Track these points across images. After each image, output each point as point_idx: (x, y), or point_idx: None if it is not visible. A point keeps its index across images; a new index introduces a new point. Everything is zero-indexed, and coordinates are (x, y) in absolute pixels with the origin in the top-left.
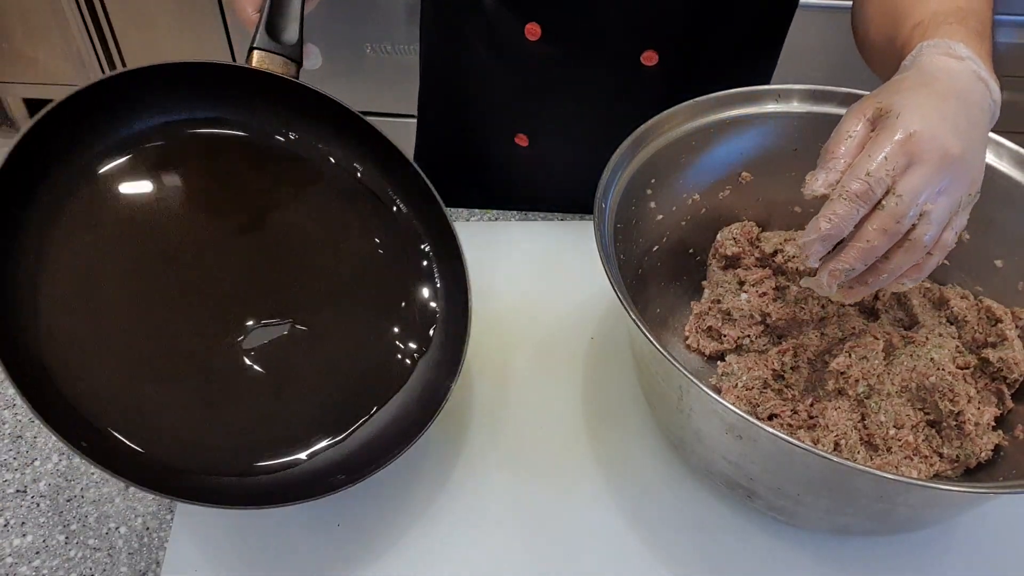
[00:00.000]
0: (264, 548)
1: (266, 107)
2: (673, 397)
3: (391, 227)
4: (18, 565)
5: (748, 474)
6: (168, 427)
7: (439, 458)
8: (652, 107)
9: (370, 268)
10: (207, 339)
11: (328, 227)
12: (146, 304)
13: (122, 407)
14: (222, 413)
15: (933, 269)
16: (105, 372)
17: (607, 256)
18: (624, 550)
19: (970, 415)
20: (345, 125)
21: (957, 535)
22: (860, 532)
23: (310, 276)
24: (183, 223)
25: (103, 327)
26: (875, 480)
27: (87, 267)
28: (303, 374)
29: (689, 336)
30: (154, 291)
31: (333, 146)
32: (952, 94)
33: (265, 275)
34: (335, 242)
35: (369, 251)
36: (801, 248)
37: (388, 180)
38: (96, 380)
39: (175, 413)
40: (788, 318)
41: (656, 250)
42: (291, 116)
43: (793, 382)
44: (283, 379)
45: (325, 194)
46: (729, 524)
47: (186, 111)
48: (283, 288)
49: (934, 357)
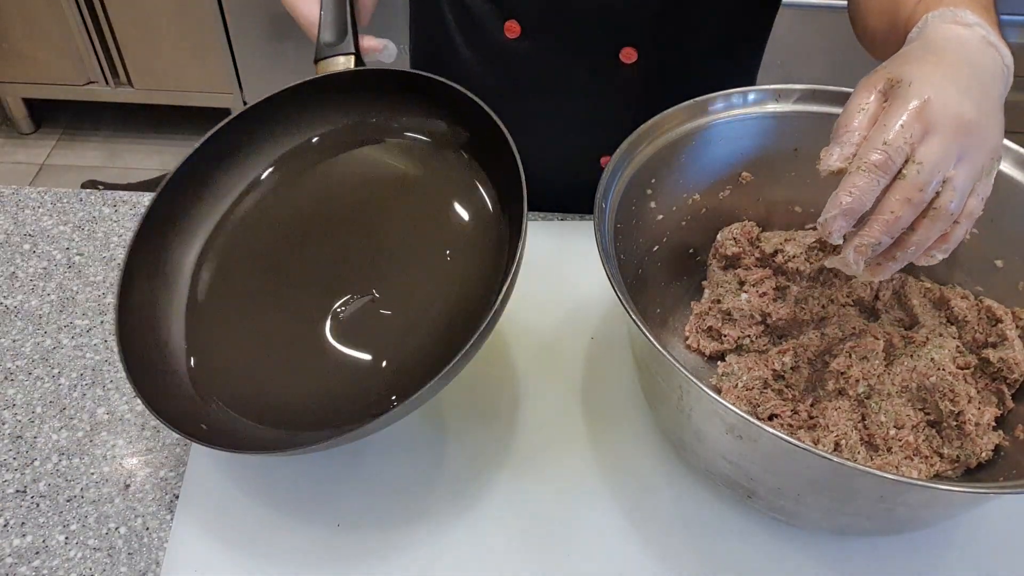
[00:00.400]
0: (264, 548)
1: (363, 103)
2: (673, 397)
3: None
4: (18, 565)
5: (748, 474)
6: (277, 394)
7: (439, 458)
8: (633, 105)
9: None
10: (313, 313)
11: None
12: (264, 288)
13: (236, 380)
14: (326, 378)
15: (961, 239)
16: (225, 348)
17: (607, 256)
18: (624, 550)
19: (970, 415)
20: (433, 95)
21: (957, 535)
22: (860, 532)
23: (396, 252)
24: (298, 216)
25: (228, 311)
26: (876, 480)
27: (224, 259)
28: (392, 335)
29: (689, 336)
30: (270, 276)
31: (419, 116)
32: (963, 60)
33: (361, 254)
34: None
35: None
36: (822, 226)
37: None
38: (216, 356)
39: (284, 381)
40: (788, 318)
41: (656, 250)
42: (391, 104)
43: (793, 382)
44: (378, 342)
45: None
46: (729, 524)
47: (308, 125)
48: (374, 264)
49: (934, 357)
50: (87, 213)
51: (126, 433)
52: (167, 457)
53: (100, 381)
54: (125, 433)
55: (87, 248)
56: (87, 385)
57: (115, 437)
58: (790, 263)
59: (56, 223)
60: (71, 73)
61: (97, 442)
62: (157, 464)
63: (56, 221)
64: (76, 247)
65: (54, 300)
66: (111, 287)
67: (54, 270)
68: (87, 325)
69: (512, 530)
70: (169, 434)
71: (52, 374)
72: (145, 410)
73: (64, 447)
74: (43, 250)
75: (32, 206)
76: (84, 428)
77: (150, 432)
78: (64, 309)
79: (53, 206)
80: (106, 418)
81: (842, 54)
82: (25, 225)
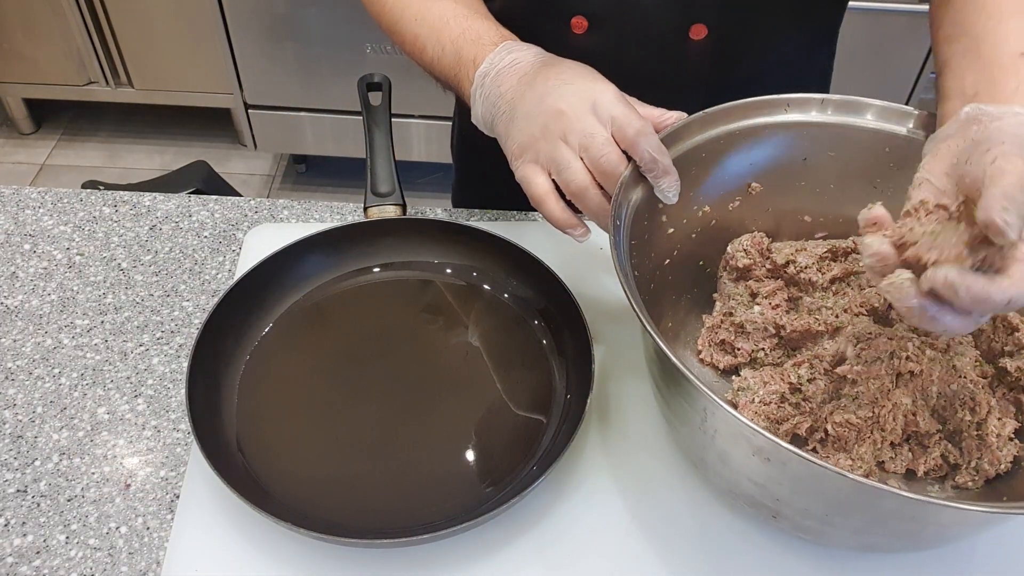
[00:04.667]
0: (264, 548)
1: (414, 246)
2: (696, 419)
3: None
4: (18, 565)
5: (775, 495)
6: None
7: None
8: (703, 85)
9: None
10: (375, 425)
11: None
12: (325, 402)
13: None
14: (384, 486)
15: None
16: (291, 459)
17: (626, 276)
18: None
19: (992, 426)
20: (492, 250)
21: (981, 545)
22: (887, 550)
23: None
24: (356, 339)
25: (289, 419)
26: (909, 502)
27: (281, 371)
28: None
29: (703, 350)
30: (331, 391)
31: (484, 268)
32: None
33: (416, 375)
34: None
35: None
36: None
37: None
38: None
39: (357, 487)
40: (802, 330)
41: (667, 264)
42: (446, 250)
43: (811, 394)
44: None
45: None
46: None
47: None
48: (431, 384)
49: (956, 364)
50: (87, 213)
51: (127, 433)
52: (167, 457)
53: (101, 381)
54: (126, 433)
55: (87, 248)
56: (88, 385)
57: (116, 437)
58: (802, 274)
59: (56, 223)
60: (71, 73)
61: (98, 442)
62: (158, 464)
63: (56, 221)
64: (76, 247)
65: (54, 300)
66: (111, 287)
67: (54, 270)
68: (87, 325)
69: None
70: (170, 434)
71: (53, 374)
72: (146, 410)
73: (65, 447)
74: (43, 250)
75: (32, 206)
76: (85, 428)
77: (150, 432)
78: (65, 309)
79: (53, 206)
80: (107, 418)
81: (849, 62)
82: (26, 225)
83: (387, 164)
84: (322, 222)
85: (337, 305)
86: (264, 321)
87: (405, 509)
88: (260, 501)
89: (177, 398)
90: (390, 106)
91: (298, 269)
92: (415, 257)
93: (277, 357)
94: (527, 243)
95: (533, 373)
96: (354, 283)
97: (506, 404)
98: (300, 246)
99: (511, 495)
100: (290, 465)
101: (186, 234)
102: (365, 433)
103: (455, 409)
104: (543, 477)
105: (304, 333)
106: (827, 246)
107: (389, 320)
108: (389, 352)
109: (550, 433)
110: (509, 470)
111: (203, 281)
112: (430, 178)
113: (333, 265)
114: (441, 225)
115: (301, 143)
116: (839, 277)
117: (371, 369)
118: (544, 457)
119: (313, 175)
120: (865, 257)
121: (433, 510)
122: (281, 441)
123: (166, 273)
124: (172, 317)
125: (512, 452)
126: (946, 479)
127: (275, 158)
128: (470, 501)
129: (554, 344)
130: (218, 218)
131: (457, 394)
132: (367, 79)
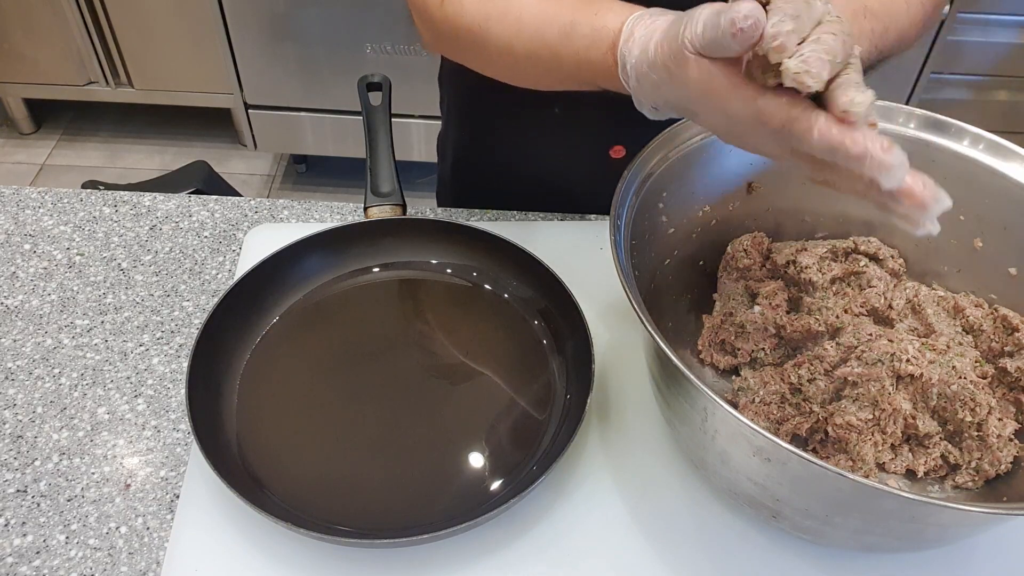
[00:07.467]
0: (264, 548)
1: (410, 245)
2: (696, 419)
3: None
4: (18, 565)
5: (775, 495)
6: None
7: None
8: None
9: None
10: (375, 425)
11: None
12: (327, 402)
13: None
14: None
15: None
16: (293, 459)
17: (627, 276)
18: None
19: (992, 427)
20: (490, 249)
21: (981, 544)
22: (887, 550)
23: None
24: (356, 339)
25: (292, 421)
26: (909, 502)
27: (281, 371)
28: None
29: (703, 350)
30: (334, 390)
31: (481, 266)
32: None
33: (418, 375)
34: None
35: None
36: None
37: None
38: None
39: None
40: (803, 330)
41: (668, 263)
42: (446, 250)
43: (811, 395)
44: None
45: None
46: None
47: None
48: (433, 383)
49: (955, 365)
50: (87, 213)
51: (126, 433)
52: (167, 457)
53: (101, 381)
54: (125, 433)
55: (87, 248)
56: (88, 385)
57: (116, 437)
58: (803, 274)
59: (56, 223)
60: (71, 73)
61: (98, 442)
62: (158, 464)
63: (56, 221)
64: (77, 247)
65: (55, 300)
66: (111, 287)
67: (55, 270)
68: (88, 325)
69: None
70: (170, 434)
71: (53, 374)
72: (146, 410)
73: (65, 447)
74: (43, 250)
75: (33, 206)
76: (85, 428)
77: (150, 432)
78: (65, 309)
79: (53, 206)
80: (107, 418)
81: None
82: (26, 225)
83: (387, 164)
84: (322, 222)
85: (337, 305)
86: (264, 321)
87: (405, 509)
88: (260, 501)
89: (177, 398)
90: (390, 106)
91: (298, 269)
92: (415, 257)
93: (277, 357)
94: (527, 243)
95: (533, 373)
96: (354, 283)
97: (506, 404)
98: (300, 246)
99: (511, 495)
100: (290, 465)
101: (186, 234)
102: (365, 433)
103: (455, 409)
104: (543, 477)
105: (304, 333)
106: (828, 246)
107: (389, 320)
108: (389, 352)
109: (550, 433)
110: (509, 470)
111: (203, 281)
112: (430, 178)
113: (333, 265)
114: (441, 225)
115: (301, 143)
116: (839, 277)
117: (371, 369)
118: (544, 457)
119: (313, 175)
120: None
121: (433, 510)
122: (281, 441)
123: (166, 273)
124: (172, 317)
125: (512, 452)
126: (946, 479)
127: (275, 158)
128: (470, 501)
129: (554, 344)
130: (218, 218)
131: (457, 394)
132: (367, 79)
